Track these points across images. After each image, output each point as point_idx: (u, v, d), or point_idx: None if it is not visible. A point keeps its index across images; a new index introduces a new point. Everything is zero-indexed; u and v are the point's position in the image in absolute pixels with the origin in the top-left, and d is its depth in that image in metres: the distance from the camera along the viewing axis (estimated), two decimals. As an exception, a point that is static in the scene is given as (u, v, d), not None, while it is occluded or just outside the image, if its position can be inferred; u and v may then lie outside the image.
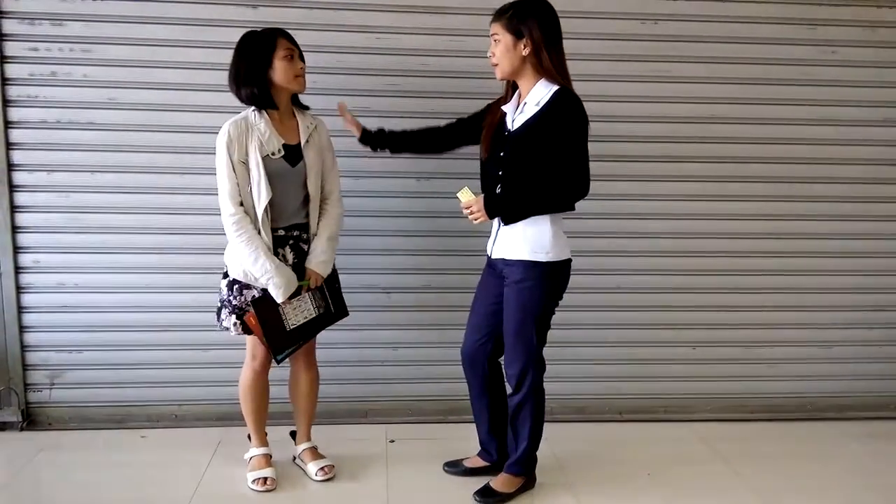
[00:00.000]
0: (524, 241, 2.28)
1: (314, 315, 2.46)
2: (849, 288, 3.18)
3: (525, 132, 2.25)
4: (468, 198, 2.30)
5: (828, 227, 3.13)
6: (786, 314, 3.17)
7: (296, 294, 2.39)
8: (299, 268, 2.42)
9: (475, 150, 2.49)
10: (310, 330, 2.47)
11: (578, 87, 2.28)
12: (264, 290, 2.35)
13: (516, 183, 2.26)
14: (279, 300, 2.34)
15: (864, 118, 3.08)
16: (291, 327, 2.40)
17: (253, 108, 2.36)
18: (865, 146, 3.10)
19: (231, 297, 2.39)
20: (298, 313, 2.42)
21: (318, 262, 2.43)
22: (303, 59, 2.39)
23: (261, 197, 2.31)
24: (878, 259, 3.18)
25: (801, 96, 3.04)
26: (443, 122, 2.58)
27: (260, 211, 2.31)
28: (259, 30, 2.36)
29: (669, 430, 3.05)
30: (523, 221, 2.27)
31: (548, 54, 2.21)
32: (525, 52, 2.22)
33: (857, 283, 3.18)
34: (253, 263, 2.30)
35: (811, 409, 3.22)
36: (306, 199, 2.43)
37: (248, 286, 2.37)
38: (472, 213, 2.28)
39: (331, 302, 2.52)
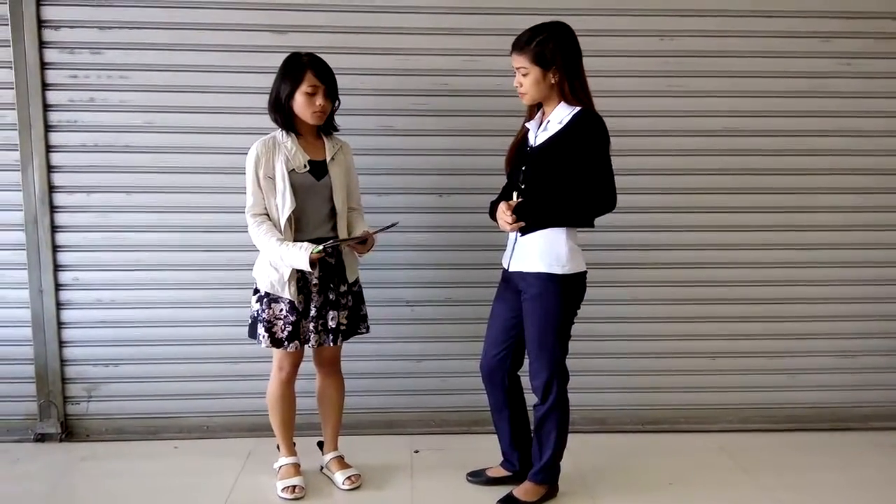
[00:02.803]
0: (541, 254, 2.33)
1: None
2: (871, 298, 3.18)
3: (547, 148, 2.33)
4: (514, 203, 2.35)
5: (847, 237, 3.15)
6: (807, 324, 3.18)
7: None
8: (325, 280, 2.49)
9: (498, 165, 2.56)
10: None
11: (598, 103, 2.36)
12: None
13: (538, 195, 2.33)
14: (306, 267, 2.36)
15: (881, 129, 3.10)
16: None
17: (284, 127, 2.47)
18: (883, 156, 3.11)
19: (261, 311, 2.48)
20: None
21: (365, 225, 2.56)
22: (330, 96, 2.44)
23: (285, 206, 2.41)
24: (900, 269, 3.19)
25: (818, 108, 3.08)
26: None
27: (283, 219, 2.41)
28: (304, 54, 2.45)
29: (691, 441, 3.07)
30: (541, 235, 2.33)
31: (573, 81, 2.29)
32: (554, 80, 2.30)
33: (879, 292, 3.18)
34: (268, 243, 2.39)
35: (833, 420, 3.22)
36: (331, 213, 2.52)
37: (277, 300, 2.46)
38: (510, 218, 2.32)
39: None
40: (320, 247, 2.37)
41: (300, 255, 2.35)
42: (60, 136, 2.91)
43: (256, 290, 2.51)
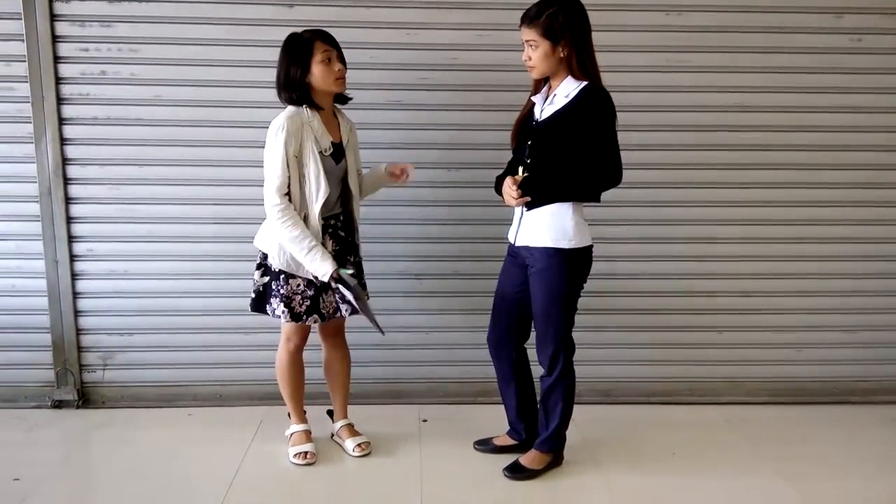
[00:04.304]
0: (547, 228, 2.35)
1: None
2: (875, 273, 3.20)
3: (553, 123, 2.34)
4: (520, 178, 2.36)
5: (853, 213, 3.15)
6: (811, 299, 3.21)
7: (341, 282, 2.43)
8: (341, 254, 2.53)
9: (507, 140, 2.57)
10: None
11: (604, 78, 2.36)
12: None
13: (543, 170, 2.35)
14: (326, 279, 2.39)
15: (892, 105, 3.09)
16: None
17: (304, 104, 2.43)
18: (893, 132, 3.11)
19: (279, 287, 2.49)
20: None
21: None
22: (342, 60, 2.45)
23: (319, 192, 2.40)
24: (905, 245, 3.20)
25: (828, 84, 3.07)
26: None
27: (317, 207, 2.41)
28: (301, 31, 2.44)
29: (695, 413, 3.11)
30: (547, 210, 2.35)
31: (582, 55, 2.29)
32: (563, 54, 2.30)
33: (883, 268, 3.20)
34: (298, 244, 2.37)
35: (837, 393, 3.25)
36: (341, 194, 2.55)
37: (293, 275, 2.48)
38: (515, 192, 2.34)
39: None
40: (350, 270, 2.43)
41: (324, 268, 2.37)
42: (73, 109, 2.93)
43: (261, 265, 2.54)
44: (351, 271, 2.45)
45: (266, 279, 2.53)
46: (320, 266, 2.39)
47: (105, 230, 3.02)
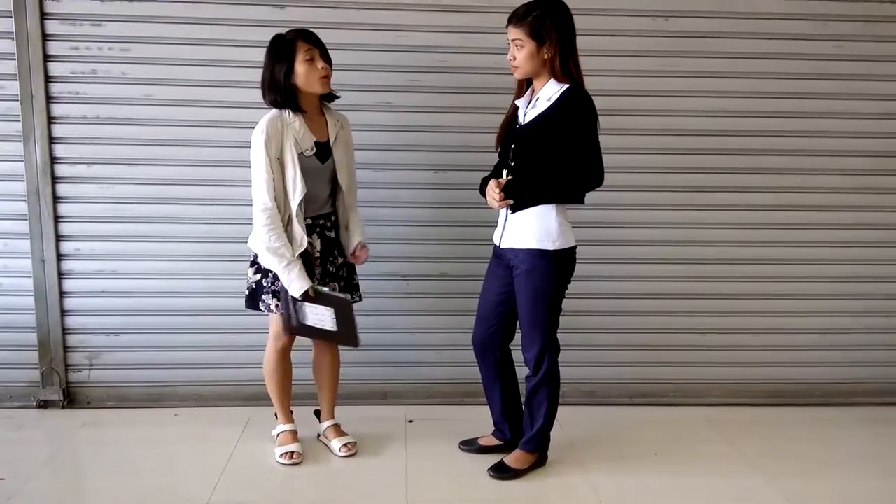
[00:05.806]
0: (532, 230, 2.38)
1: (331, 329, 2.50)
2: (856, 277, 3.25)
3: (536, 125, 2.37)
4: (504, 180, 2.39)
5: (835, 218, 3.20)
6: (793, 302, 3.25)
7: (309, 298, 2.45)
8: (325, 253, 2.55)
9: (492, 142, 2.59)
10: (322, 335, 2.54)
11: (591, 82, 2.40)
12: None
13: (527, 172, 2.37)
14: (294, 294, 2.42)
15: (873, 111, 3.14)
16: (307, 324, 2.50)
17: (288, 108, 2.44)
18: (872, 139, 3.16)
19: (270, 284, 2.51)
20: (316, 319, 2.49)
21: (363, 237, 2.65)
22: (326, 59, 2.45)
23: (296, 192, 2.41)
24: (885, 249, 3.24)
25: (813, 90, 3.11)
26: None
27: (294, 205, 2.42)
28: (284, 33, 2.45)
29: (678, 413, 3.15)
30: (531, 212, 2.38)
31: (566, 57, 2.32)
32: (547, 56, 2.33)
33: (864, 272, 3.25)
34: (276, 256, 2.40)
35: (817, 395, 3.29)
36: (331, 192, 2.57)
37: None
38: (498, 195, 2.37)
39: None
40: (325, 289, 2.44)
41: (298, 285, 2.40)
42: (62, 108, 2.93)
43: (254, 262, 2.56)
44: (326, 290, 2.46)
45: (258, 276, 2.54)
46: (296, 283, 2.41)
47: (93, 229, 3.01)
